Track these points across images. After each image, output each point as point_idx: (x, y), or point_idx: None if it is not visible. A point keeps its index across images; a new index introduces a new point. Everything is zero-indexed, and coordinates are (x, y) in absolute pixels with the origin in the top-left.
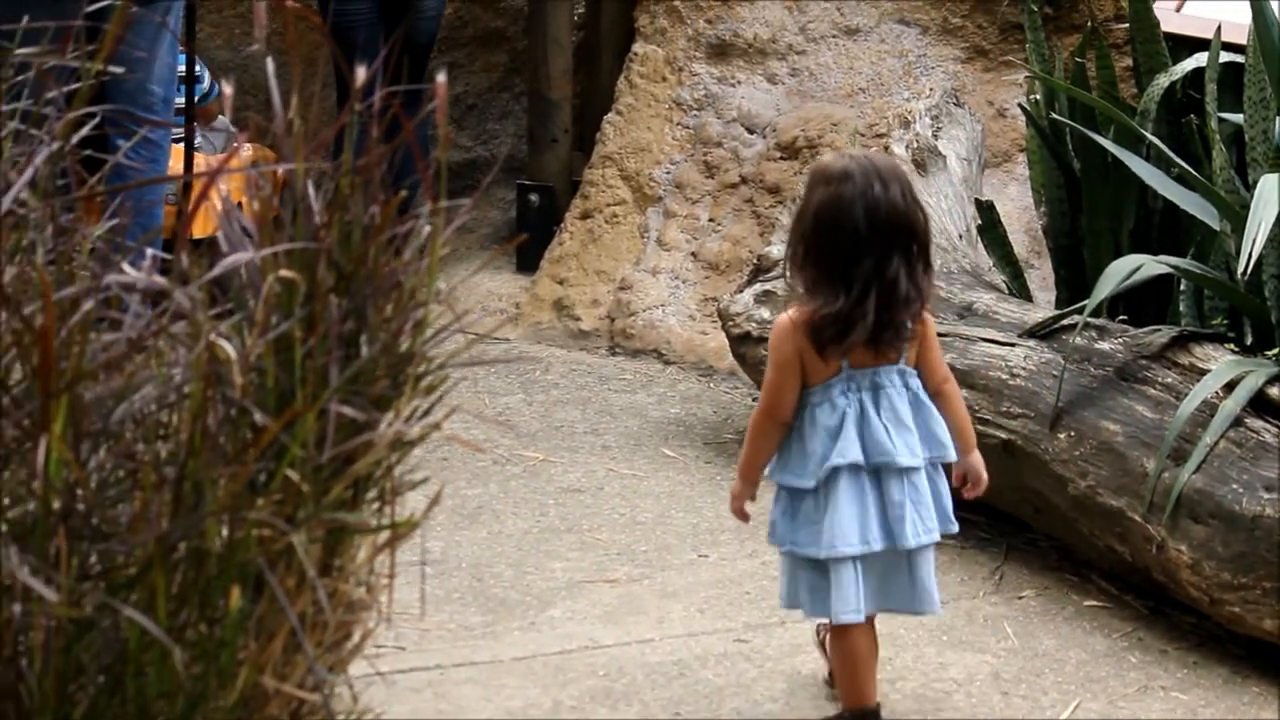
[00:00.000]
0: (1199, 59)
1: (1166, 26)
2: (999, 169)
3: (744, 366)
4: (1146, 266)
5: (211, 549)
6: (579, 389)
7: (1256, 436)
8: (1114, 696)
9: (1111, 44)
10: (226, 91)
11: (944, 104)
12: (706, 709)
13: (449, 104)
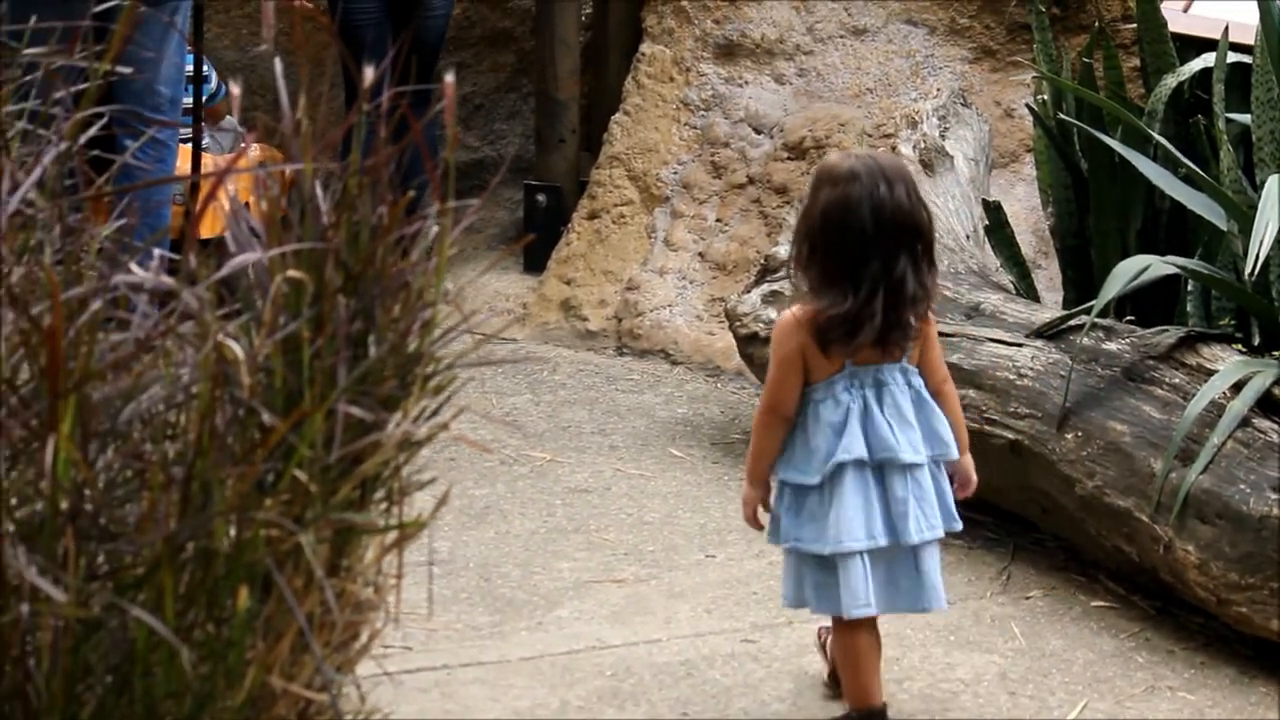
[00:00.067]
0: (1206, 59)
1: (1174, 27)
2: (1006, 169)
3: (751, 367)
4: (1154, 267)
5: (219, 549)
6: (586, 389)
7: (1264, 437)
8: (1121, 697)
9: (1119, 44)
10: (234, 92)
11: (951, 104)
12: (714, 709)
13: (456, 104)
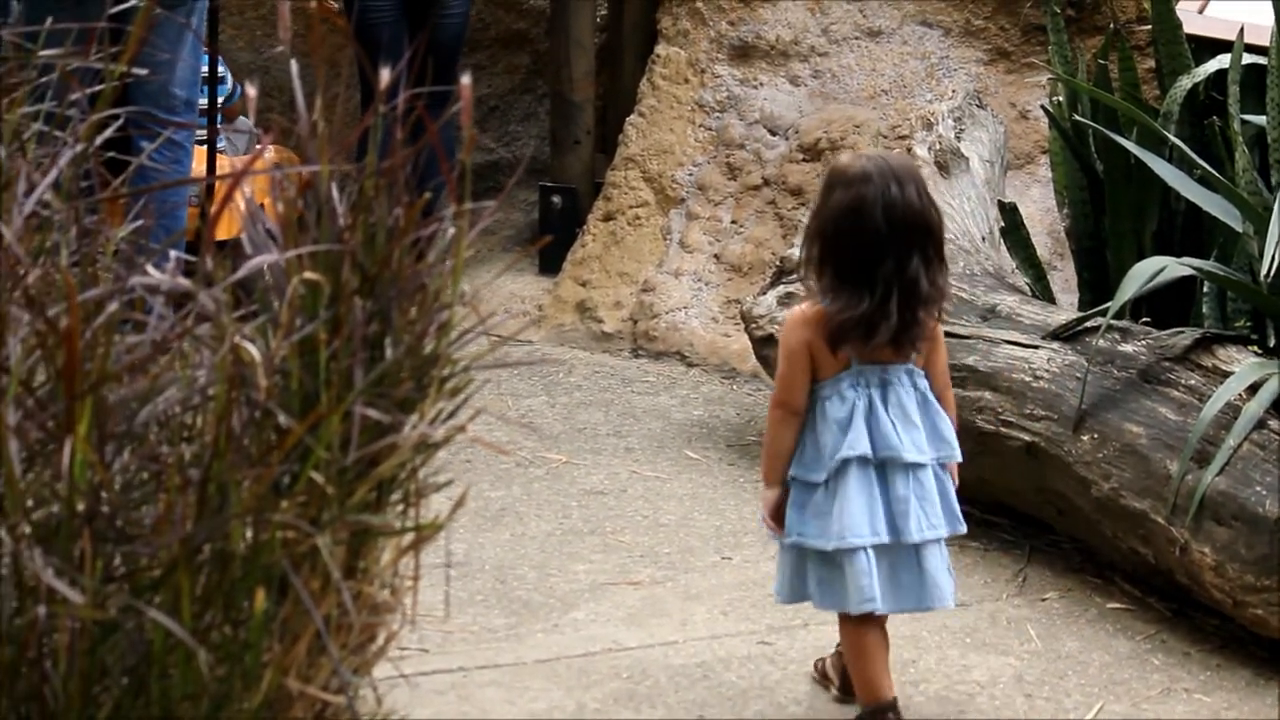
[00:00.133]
0: (1221, 61)
1: (1189, 28)
2: (1021, 171)
3: (767, 369)
4: (1169, 268)
5: (236, 551)
6: (602, 391)
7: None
8: (1137, 699)
9: (1134, 46)
10: (250, 93)
11: (966, 106)
12: (730, 711)
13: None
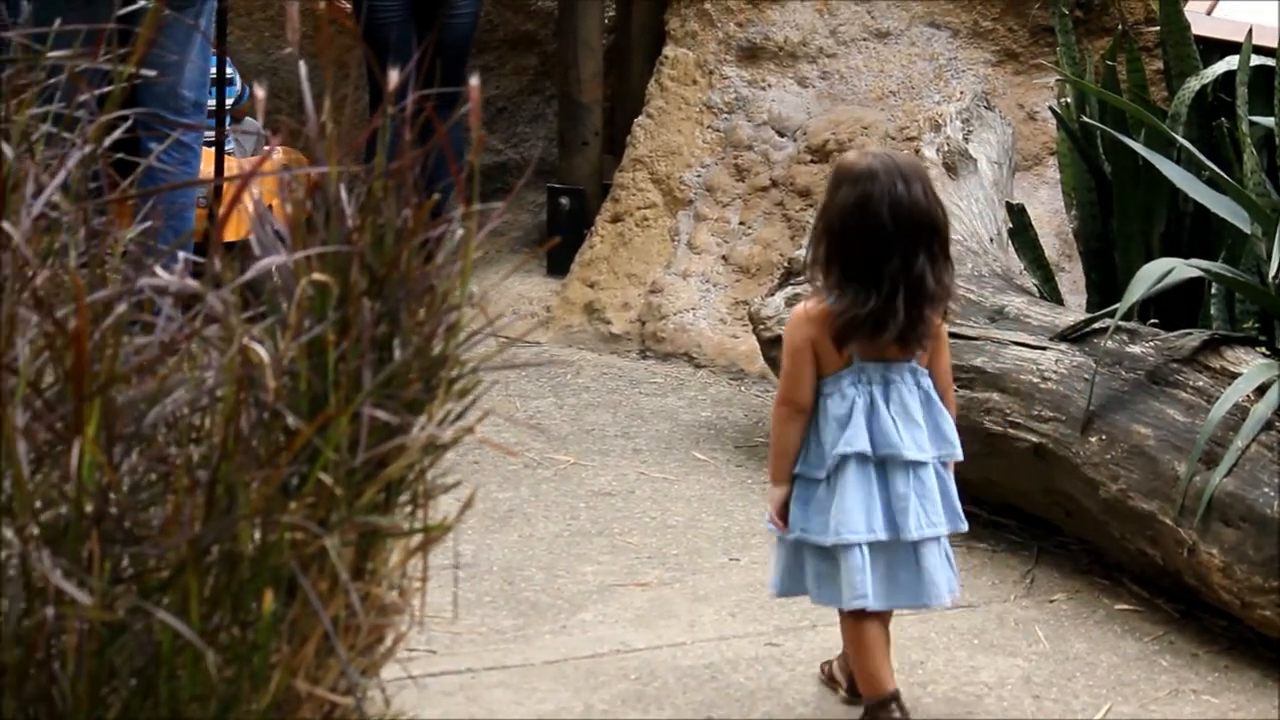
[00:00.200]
0: (1230, 62)
1: (1197, 29)
2: (1030, 172)
3: (775, 370)
4: (1177, 270)
5: (244, 552)
6: (610, 392)
7: None
8: (1145, 700)
9: (1142, 47)
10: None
11: (974, 107)
12: (738, 712)
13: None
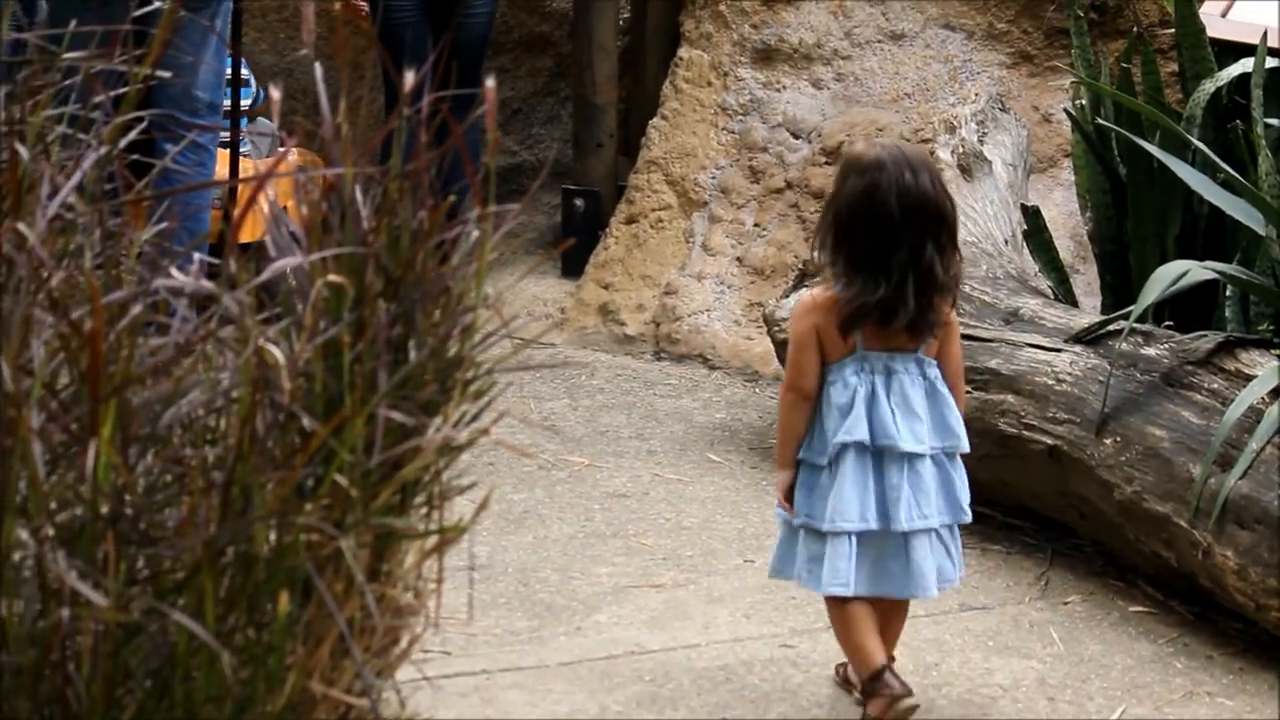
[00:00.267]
0: (1245, 64)
1: (1212, 32)
2: (1044, 174)
3: None
4: (1192, 272)
5: (260, 554)
6: (624, 394)
7: None
8: (1160, 702)
9: (1157, 49)
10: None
11: (989, 109)
12: (753, 714)
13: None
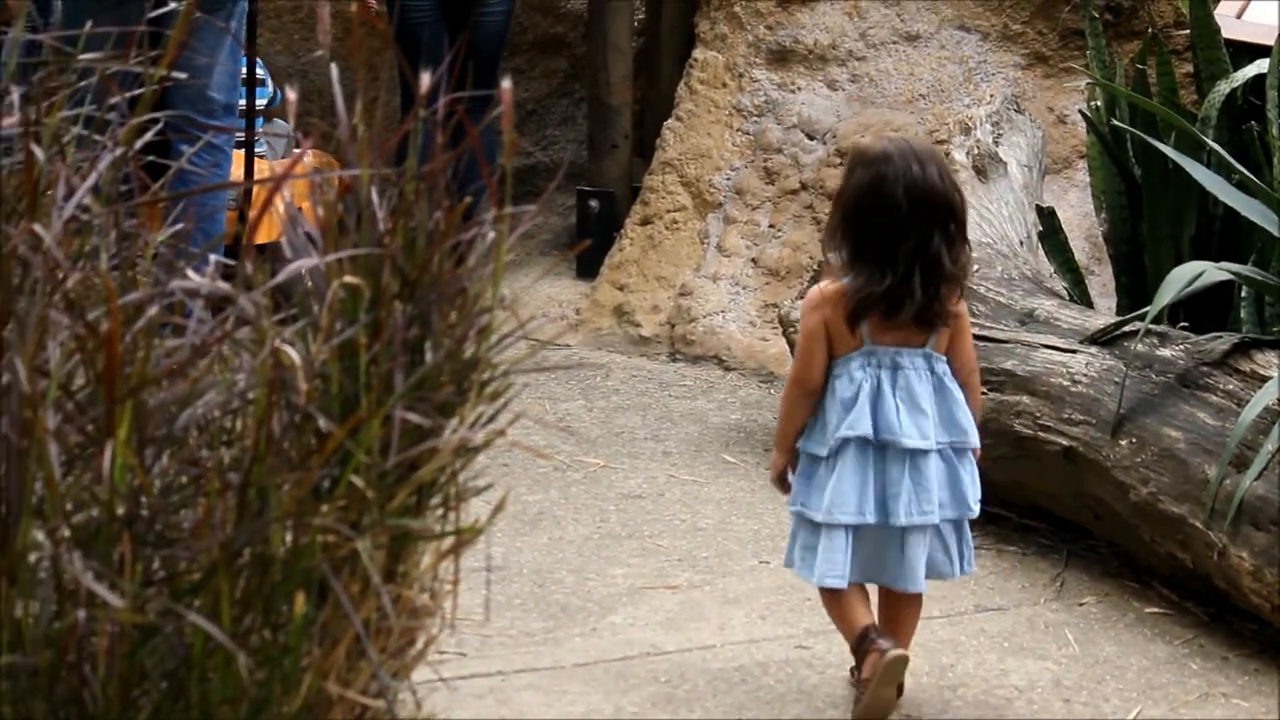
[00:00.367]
0: (1260, 65)
1: (1227, 33)
2: (1059, 175)
3: None
4: (1207, 273)
5: (276, 555)
6: (639, 395)
7: None
8: (1175, 703)
9: (1172, 50)
10: (290, 97)
11: (1004, 110)
12: (768, 715)
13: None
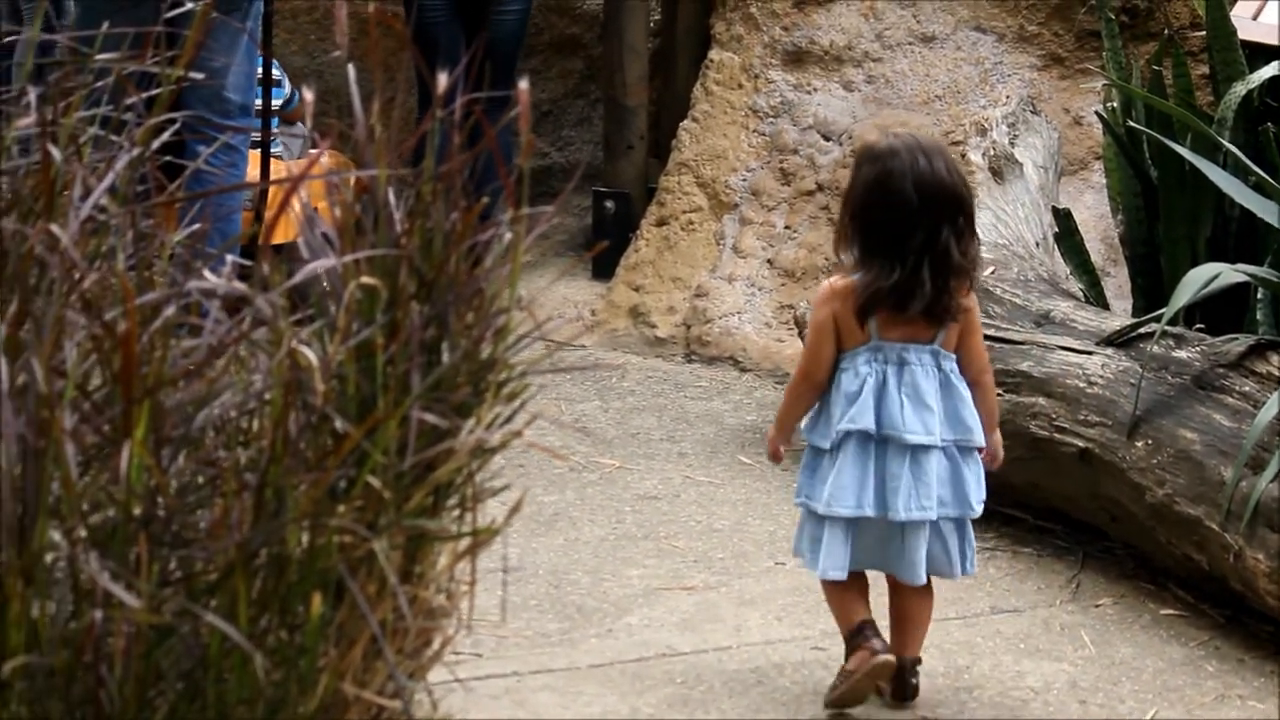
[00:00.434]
0: (1276, 67)
1: (1243, 34)
2: (1075, 177)
3: None
4: (1224, 275)
5: (292, 555)
6: (655, 396)
7: None
8: (1191, 705)
9: (1188, 51)
10: (307, 98)
11: (1020, 112)
12: (784, 715)
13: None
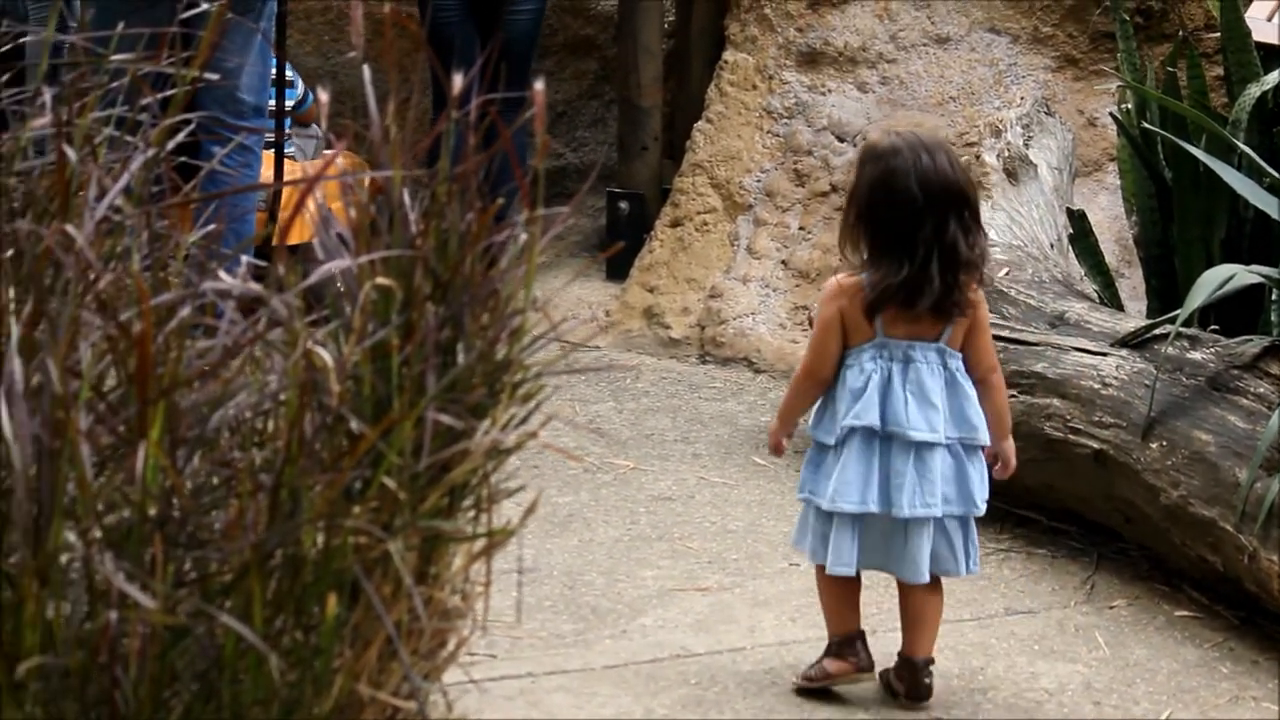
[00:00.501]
0: None
1: (1258, 36)
2: (1090, 178)
3: None
4: (1238, 276)
5: (307, 556)
6: (669, 397)
7: None
8: (1205, 706)
9: (1202, 53)
10: (322, 99)
11: (1035, 113)
12: (798, 717)
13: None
